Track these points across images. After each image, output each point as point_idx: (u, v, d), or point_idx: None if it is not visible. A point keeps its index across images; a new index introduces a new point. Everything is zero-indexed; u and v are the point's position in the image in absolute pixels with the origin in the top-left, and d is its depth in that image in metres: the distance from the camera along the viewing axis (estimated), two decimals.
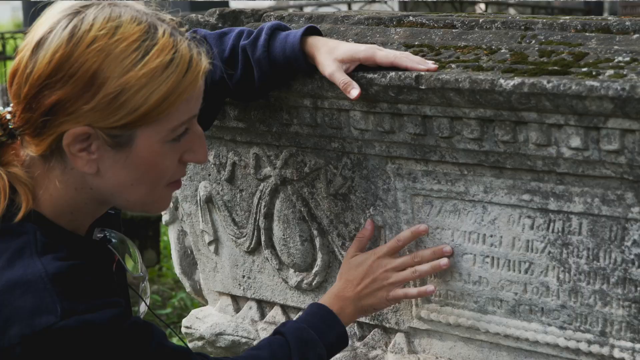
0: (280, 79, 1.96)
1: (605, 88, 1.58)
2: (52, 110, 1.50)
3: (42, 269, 1.47)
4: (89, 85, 1.48)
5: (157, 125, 1.54)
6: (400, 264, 1.96)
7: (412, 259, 1.96)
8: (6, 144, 1.59)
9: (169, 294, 5.48)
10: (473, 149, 1.82)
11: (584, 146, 1.68)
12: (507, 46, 1.86)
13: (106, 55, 1.48)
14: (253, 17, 2.32)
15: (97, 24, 1.50)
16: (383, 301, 1.98)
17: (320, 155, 2.10)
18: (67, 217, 1.60)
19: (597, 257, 1.76)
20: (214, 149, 2.29)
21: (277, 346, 1.82)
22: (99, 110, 1.49)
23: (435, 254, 1.95)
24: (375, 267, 1.97)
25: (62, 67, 1.49)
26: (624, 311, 1.75)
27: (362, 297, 1.96)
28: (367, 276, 1.97)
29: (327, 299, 1.97)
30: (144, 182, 1.59)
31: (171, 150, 1.59)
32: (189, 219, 2.46)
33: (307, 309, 1.96)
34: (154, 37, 1.52)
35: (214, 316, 2.51)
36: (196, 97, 1.58)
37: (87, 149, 1.53)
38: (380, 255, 1.98)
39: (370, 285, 1.96)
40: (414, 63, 1.82)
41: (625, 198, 1.70)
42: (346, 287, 1.97)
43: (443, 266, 1.94)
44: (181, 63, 1.53)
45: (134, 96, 1.50)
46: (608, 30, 1.81)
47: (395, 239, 1.98)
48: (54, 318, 1.44)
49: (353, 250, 2.03)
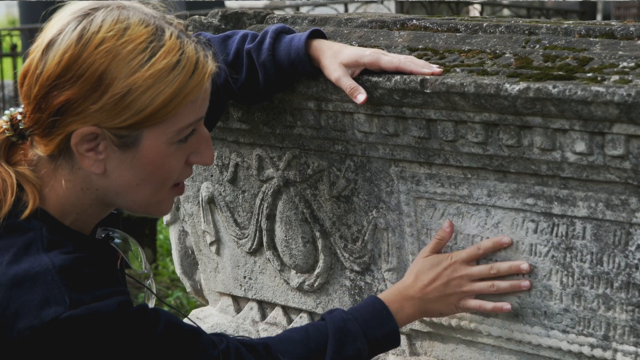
0: (285, 82, 1.97)
1: (611, 94, 1.59)
2: (61, 110, 1.52)
3: (49, 262, 1.49)
4: (96, 85, 1.51)
5: (164, 127, 1.56)
6: (477, 273, 1.89)
7: (488, 270, 1.88)
8: (16, 144, 1.62)
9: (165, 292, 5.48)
10: (477, 152, 1.83)
11: (588, 151, 1.69)
12: (511, 50, 1.87)
13: (114, 56, 1.51)
14: (256, 19, 2.32)
15: (106, 26, 1.52)
16: (451, 308, 1.92)
17: (323, 157, 2.11)
18: (72, 217, 1.62)
19: (600, 261, 1.77)
20: (217, 150, 2.30)
21: (315, 331, 1.80)
22: (106, 110, 1.52)
23: (512, 269, 1.87)
24: (450, 271, 1.90)
25: (70, 67, 1.51)
26: (627, 315, 1.76)
27: (429, 300, 1.90)
28: (440, 279, 1.90)
29: (389, 294, 1.91)
30: (149, 183, 1.61)
31: (177, 151, 1.60)
32: (190, 219, 2.47)
33: (363, 300, 1.92)
34: (161, 39, 1.54)
35: (214, 316, 2.51)
36: (203, 99, 1.60)
37: (94, 149, 1.55)
38: (458, 260, 1.90)
39: (441, 289, 1.90)
40: (418, 67, 1.83)
41: (629, 203, 1.71)
42: (413, 286, 1.91)
43: (523, 287, 1.87)
44: (188, 65, 1.55)
45: (140, 97, 1.52)
46: (612, 36, 1.82)
47: (476, 247, 1.90)
48: (62, 309, 1.46)
49: (428, 250, 1.95)
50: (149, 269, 1.84)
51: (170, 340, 1.58)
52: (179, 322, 1.61)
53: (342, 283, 2.20)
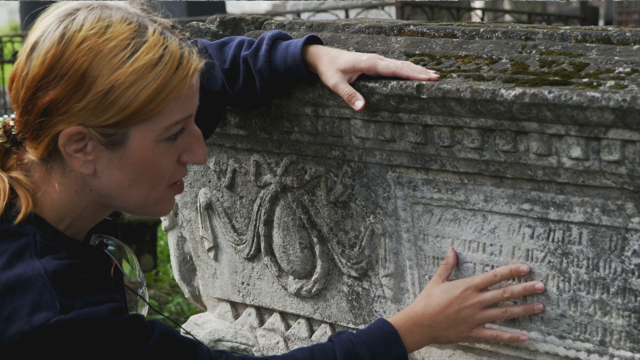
0: (282, 88, 1.97)
1: (607, 99, 1.59)
2: (47, 111, 1.53)
3: (42, 267, 1.49)
4: (80, 84, 1.51)
5: (150, 124, 1.56)
6: (490, 299, 1.86)
7: (502, 294, 1.85)
8: (11, 150, 1.62)
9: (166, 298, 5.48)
10: (474, 158, 1.83)
11: (584, 156, 1.69)
12: (507, 56, 1.87)
13: (95, 54, 1.51)
14: (254, 25, 2.32)
15: (87, 24, 1.53)
16: (463, 336, 1.88)
17: (320, 163, 2.11)
18: (67, 222, 1.62)
19: (597, 266, 1.77)
20: (215, 155, 2.30)
21: (321, 352, 1.76)
22: (91, 108, 1.52)
23: (527, 291, 1.84)
24: (462, 298, 1.86)
25: (54, 67, 1.52)
26: (624, 321, 1.76)
27: (439, 328, 1.86)
28: (452, 306, 1.86)
29: (399, 318, 1.87)
30: (141, 182, 1.60)
31: (167, 149, 1.60)
32: (188, 225, 2.47)
33: (373, 322, 1.87)
34: (144, 36, 1.54)
35: (213, 322, 2.51)
36: (190, 95, 1.59)
37: (83, 149, 1.55)
38: (471, 287, 1.87)
39: (453, 317, 1.86)
40: (415, 72, 1.83)
41: (625, 208, 1.70)
42: (424, 312, 1.87)
43: (537, 311, 1.84)
44: (171, 60, 1.55)
45: (124, 93, 1.51)
46: (608, 41, 1.82)
47: (492, 274, 1.86)
48: (52, 314, 1.45)
49: (438, 277, 1.92)
50: (143, 278, 1.83)
51: (166, 351, 1.56)
52: (175, 334, 1.60)
53: (339, 289, 2.20)
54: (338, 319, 2.23)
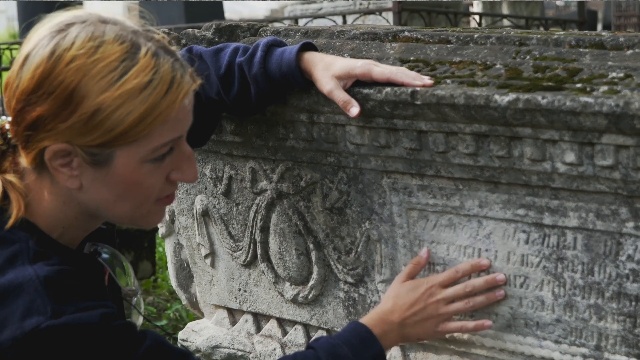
0: (277, 94, 1.97)
1: (600, 104, 1.59)
2: (34, 126, 1.52)
3: (34, 273, 1.49)
4: (66, 103, 1.50)
5: (137, 146, 1.54)
6: (452, 294, 1.89)
7: (463, 289, 1.89)
8: (7, 152, 1.62)
9: (164, 305, 5.48)
10: (468, 163, 1.84)
11: (578, 161, 1.69)
12: (501, 62, 1.87)
13: (84, 74, 1.49)
14: (249, 32, 2.33)
15: (78, 43, 1.51)
16: (430, 332, 1.92)
17: (316, 169, 2.11)
18: (59, 231, 1.62)
19: (591, 271, 1.77)
20: (210, 162, 2.30)
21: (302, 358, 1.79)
22: (76, 128, 1.51)
23: (489, 283, 1.88)
24: (426, 296, 1.90)
25: (42, 83, 1.51)
26: (619, 325, 1.76)
27: (407, 325, 1.90)
28: (417, 304, 1.90)
29: (370, 319, 1.90)
30: (127, 199, 1.59)
31: (155, 169, 1.59)
32: (185, 232, 2.47)
33: (346, 326, 1.90)
34: (135, 58, 1.52)
35: (210, 329, 2.51)
36: (180, 118, 1.57)
37: (68, 164, 1.55)
38: (434, 284, 1.91)
39: (419, 314, 1.90)
40: (409, 78, 1.83)
41: (619, 213, 1.71)
42: (393, 311, 1.90)
43: (498, 297, 1.88)
44: (160, 84, 1.52)
45: (110, 116, 1.50)
46: (602, 46, 1.83)
47: (454, 270, 1.90)
48: (43, 319, 1.45)
49: (404, 276, 1.96)
50: (138, 286, 1.83)
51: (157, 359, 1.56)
52: (167, 344, 1.60)
53: (336, 295, 2.20)
54: (335, 325, 2.23)
